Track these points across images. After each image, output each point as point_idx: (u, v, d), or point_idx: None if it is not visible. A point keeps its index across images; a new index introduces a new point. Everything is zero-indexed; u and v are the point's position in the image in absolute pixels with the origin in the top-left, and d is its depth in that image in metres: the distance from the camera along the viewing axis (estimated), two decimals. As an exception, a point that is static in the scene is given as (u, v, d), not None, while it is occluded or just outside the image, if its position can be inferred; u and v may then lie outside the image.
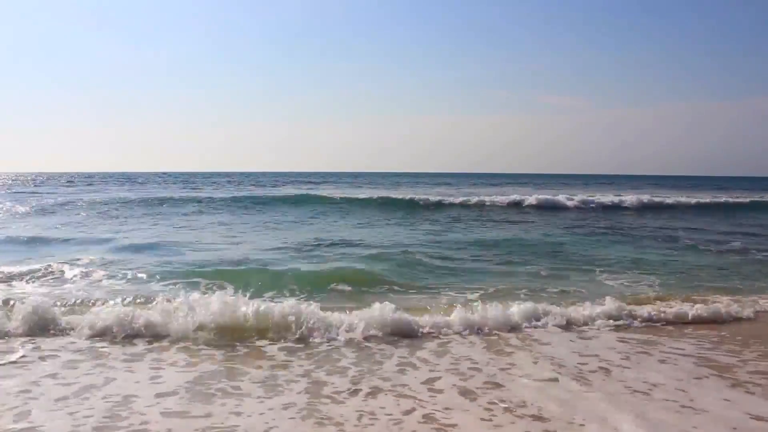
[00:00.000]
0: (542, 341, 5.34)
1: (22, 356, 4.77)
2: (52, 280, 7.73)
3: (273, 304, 5.73)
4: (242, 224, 15.81)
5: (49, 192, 31.74)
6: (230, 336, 5.27)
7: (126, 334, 5.27)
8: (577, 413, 3.69)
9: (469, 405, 3.84)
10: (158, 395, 3.99)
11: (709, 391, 4.11)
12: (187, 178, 60.56)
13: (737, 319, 6.17)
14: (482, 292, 7.26)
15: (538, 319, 5.83)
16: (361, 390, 4.09)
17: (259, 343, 5.18)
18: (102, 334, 5.28)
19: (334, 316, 5.56)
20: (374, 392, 4.06)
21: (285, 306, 5.59)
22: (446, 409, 3.77)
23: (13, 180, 56.13)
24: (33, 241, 11.61)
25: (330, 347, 5.09)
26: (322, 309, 5.68)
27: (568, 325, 5.83)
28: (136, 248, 10.83)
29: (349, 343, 5.21)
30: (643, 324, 5.96)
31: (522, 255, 10.29)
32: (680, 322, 6.00)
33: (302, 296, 6.80)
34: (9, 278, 7.68)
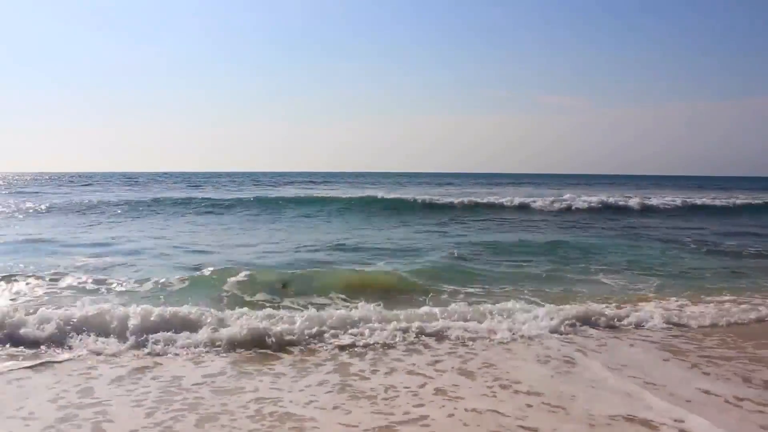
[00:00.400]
0: (531, 333, 5.85)
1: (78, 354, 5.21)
2: (60, 281, 7.90)
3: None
4: (255, 226, 16.03)
5: (51, 192, 31.59)
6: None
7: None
8: (565, 388, 4.34)
9: (471, 383, 4.47)
10: (205, 375, 4.53)
11: (669, 370, 4.79)
12: (189, 178, 60.24)
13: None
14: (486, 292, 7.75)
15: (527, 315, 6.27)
16: (379, 370, 4.72)
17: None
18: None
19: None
20: (390, 372, 4.69)
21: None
22: (453, 385, 4.39)
23: (15, 180, 55.92)
24: (38, 243, 11.77)
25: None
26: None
27: (558, 321, 6.18)
28: (157, 249, 11.09)
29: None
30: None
31: (547, 256, 10.63)
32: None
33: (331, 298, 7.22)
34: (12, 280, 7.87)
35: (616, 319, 6.28)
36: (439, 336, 5.63)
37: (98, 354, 5.06)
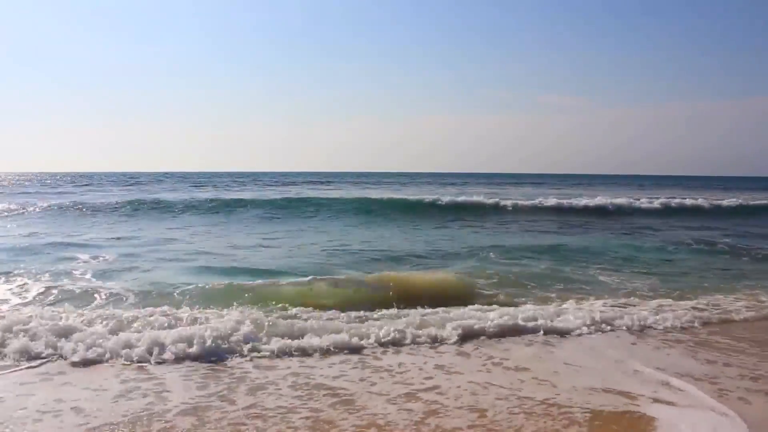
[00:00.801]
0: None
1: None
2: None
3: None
4: (263, 228, 16.18)
5: (52, 192, 31.72)
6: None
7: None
8: (548, 366, 5.15)
9: (467, 361, 5.26)
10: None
11: (636, 351, 5.68)
12: (191, 178, 60.25)
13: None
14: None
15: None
16: (389, 351, 5.50)
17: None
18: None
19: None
20: (397, 352, 5.49)
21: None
22: (450, 363, 5.17)
23: (15, 180, 55.33)
24: (43, 244, 12.00)
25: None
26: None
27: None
28: (168, 251, 11.33)
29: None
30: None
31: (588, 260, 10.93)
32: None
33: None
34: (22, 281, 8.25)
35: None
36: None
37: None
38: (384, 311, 6.69)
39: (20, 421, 3.83)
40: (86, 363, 5.02)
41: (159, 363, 5.05)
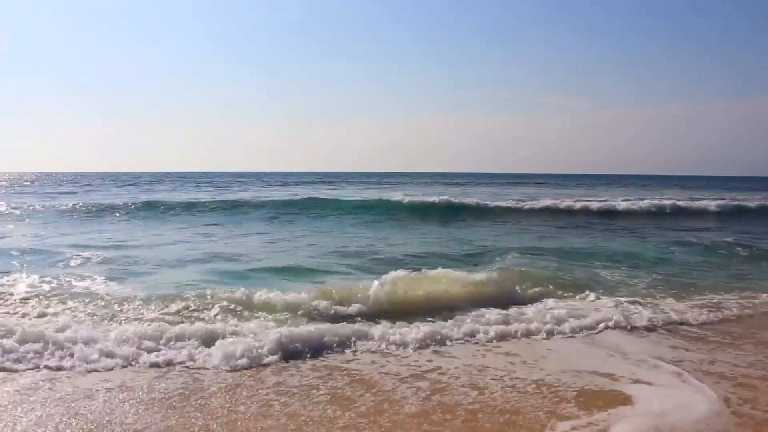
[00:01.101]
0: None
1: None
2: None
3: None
4: (272, 229, 16.12)
5: (53, 193, 31.81)
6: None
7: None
8: (536, 351, 5.77)
9: (462, 347, 5.87)
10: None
11: (617, 339, 6.23)
12: (193, 178, 60.33)
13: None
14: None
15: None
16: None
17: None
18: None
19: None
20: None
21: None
22: (447, 350, 5.76)
23: (16, 180, 55.05)
24: (49, 246, 12.04)
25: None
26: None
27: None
28: (181, 254, 11.09)
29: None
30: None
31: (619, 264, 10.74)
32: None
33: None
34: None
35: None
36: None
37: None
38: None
39: (75, 396, 4.36)
40: (114, 356, 5.36)
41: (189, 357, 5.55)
